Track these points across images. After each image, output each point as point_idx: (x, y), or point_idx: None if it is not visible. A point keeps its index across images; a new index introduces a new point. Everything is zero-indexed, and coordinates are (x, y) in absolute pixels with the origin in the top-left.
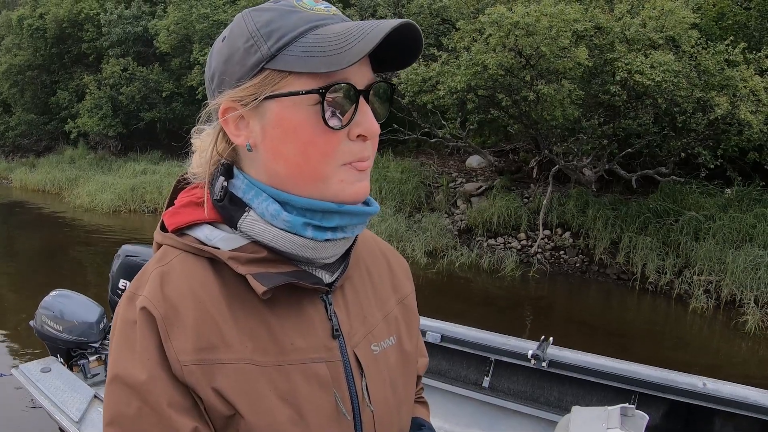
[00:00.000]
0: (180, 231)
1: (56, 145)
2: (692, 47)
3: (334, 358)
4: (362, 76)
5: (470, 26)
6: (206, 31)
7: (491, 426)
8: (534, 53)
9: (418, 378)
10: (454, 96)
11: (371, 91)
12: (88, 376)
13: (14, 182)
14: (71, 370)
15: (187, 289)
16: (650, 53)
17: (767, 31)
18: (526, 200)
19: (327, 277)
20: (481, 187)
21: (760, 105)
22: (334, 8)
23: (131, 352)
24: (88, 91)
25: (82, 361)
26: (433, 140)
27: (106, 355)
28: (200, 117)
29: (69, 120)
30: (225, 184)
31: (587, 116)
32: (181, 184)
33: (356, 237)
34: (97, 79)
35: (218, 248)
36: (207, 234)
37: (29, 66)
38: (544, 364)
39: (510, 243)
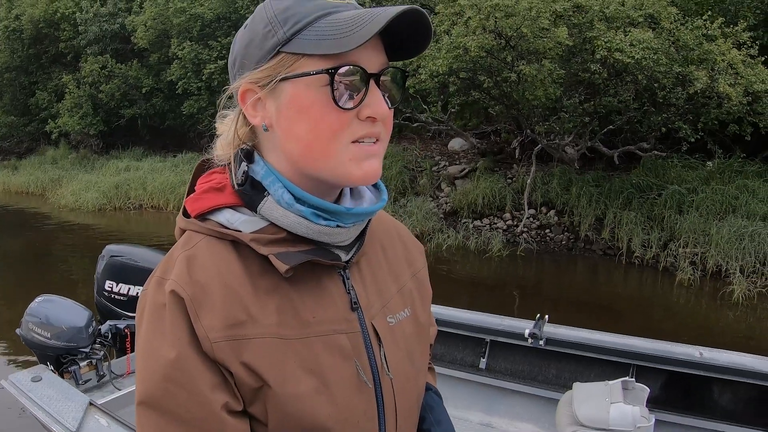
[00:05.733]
0: (202, 216)
1: (38, 146)
2: (671, 23)
3: (354, 330)
4: (374, 61)
5: (449, 9)
6: (183, 25)
7: (490, 407)
8: (515, 34)
9: (429, 346)
10: (436, 79)
11: (383, 76)
12: (80, 382)
13: None
14: (62, 377)
15: (213, 270)
16: (630, 31)
17: (743, 4)
18: (509, 181)
19: (343, 255)
20: (464, 169)
21: (738, 78)
22: None
23: (161, 333)
24: (67, 90)
25: (72, 368)
26: (414, 125)
27: (97, 359)
28: (220, 102)
29: (49, 120)
30: (246, 169)
31: (568, 95)
32: (204, 168)
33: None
34: (76, 78)
35: (240, 231)
36: (228, 218)
37: (7, 68)
38: (541, 342)
39: (496, 224)
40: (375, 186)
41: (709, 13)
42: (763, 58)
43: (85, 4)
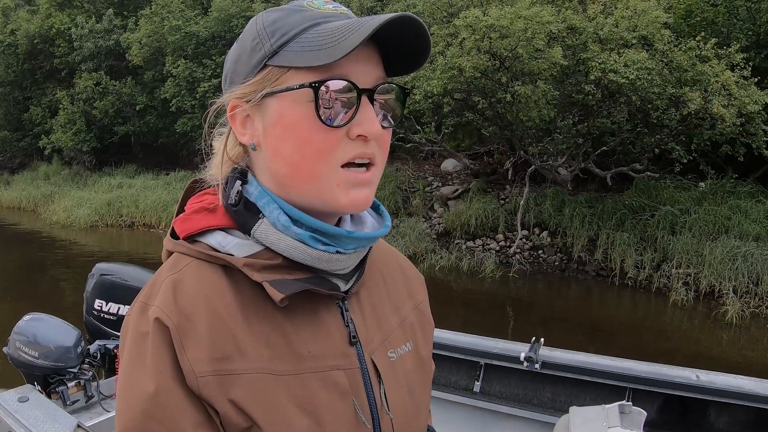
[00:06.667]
0: (191, 238)
1: (30, 162)
2: (665, 45)
3: (352, 365)
4: (367, 75)
5: (444, 30)
6: (178, 43)
7: (485, 431)
8: (509, 55)
9: None
10: (430, 100)
11: (377, 92)
12: (68, 403)
13: None
14: (50, 397)
15: (200, 297)
16: (623, 52)
17: (735, 26)
18: (502, 201)
19: (342, 285)
20: (457, 190)
21: (732, 99)
22: (343, 7)
23: (141, 364)
24: (61, 106)
25: (60, 388)
26: (408, 145)
27: (86, 380)
28: (206, 117)
29: (43, 136)
30: (240, 188)
31: (562, 116)
32: (195, 188)
33: (371, 246)
34: (70, 94)
35: (232, 255)
36: (220, 240)
37: (1, 83)
38: (537, 365)
39: (489, 244)
40: (377, 211)
41: (702, 34)
42: (756, 79)
43: (81, 20)
